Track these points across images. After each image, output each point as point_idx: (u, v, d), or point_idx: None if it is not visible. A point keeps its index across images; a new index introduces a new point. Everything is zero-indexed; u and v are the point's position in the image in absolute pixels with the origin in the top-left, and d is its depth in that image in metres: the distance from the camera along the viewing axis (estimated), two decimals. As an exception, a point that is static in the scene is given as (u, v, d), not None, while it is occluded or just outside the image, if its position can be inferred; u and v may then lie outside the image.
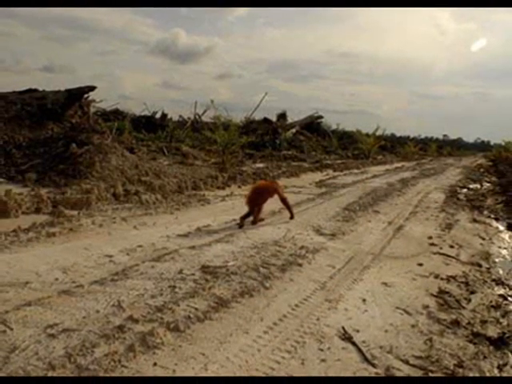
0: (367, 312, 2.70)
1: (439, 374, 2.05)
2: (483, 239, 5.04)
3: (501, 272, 3.78)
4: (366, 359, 2.14)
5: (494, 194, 9.45)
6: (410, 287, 3.21)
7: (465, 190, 10.09)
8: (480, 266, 3.89)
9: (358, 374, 2.02)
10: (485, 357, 2.23)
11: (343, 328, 2.43)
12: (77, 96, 10.16)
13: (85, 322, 2.31)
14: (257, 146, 16.73)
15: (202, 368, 1.97)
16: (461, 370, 2.08)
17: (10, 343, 2.05)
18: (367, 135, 24.08)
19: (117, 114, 17.46)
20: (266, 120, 20.91)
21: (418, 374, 2.05)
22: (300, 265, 3.53)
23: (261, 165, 12.78)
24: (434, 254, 4.21)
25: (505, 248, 4.75)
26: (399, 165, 19.24)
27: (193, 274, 3.13)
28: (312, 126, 25.22)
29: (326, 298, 2.87)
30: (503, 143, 25.63)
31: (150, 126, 16.71)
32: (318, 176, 11.53)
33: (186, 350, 2.12)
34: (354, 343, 2.28)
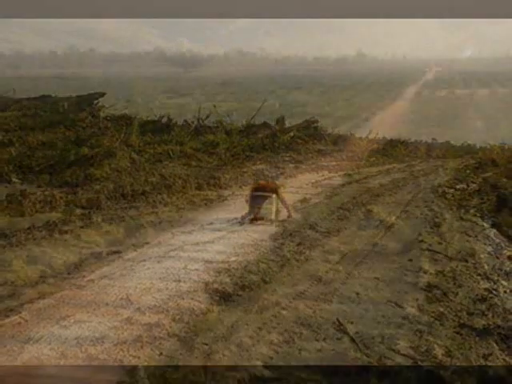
0: (360, 305, 2.70)
1: (428, 363, 2.06)
2: (469, 236, 5.04)
3: (486, 267, 3.78)
4: (359, 349, 2.14)
5: (480, 193, 9.44)
6: (401, 281, 3.21)
7: (452, 190, 10.06)
8: (466, 261, 3.89)
9: (351, 363, 2.02)
10: (471, 347, 2.23)
11: (338, 320, 2.44)
12: (87, 101, 10.17)
13: (95, 314, 2.32)
14: (257, 149, 16.71)
15: (206, 357, 1.98)
16: (448, 360, 2.09)
17: (25, 334, 2.06)
18: (360, 139, 24.09)
19: (125, 119, 17.42)
20: (265, 124, 20.91)
21: (408, 362, 2.06)
22: (297, 260, 3.53)
23: (260, 166, 12.76)
24: (424, 250, 4.21)
25: (490, 245, 4.74)
26: (391, 166, 19.17)
27: (196, 270, 3.13)
28: (309, 129, 25.22)
29: (321, 292, 2.87)
30: (488, 146, 25.56)
31: (156, 129, 16.70)
32: (314, 177, 11.46)
33: (190, 340, 2.12)
34: (348, 334, 2.28)
